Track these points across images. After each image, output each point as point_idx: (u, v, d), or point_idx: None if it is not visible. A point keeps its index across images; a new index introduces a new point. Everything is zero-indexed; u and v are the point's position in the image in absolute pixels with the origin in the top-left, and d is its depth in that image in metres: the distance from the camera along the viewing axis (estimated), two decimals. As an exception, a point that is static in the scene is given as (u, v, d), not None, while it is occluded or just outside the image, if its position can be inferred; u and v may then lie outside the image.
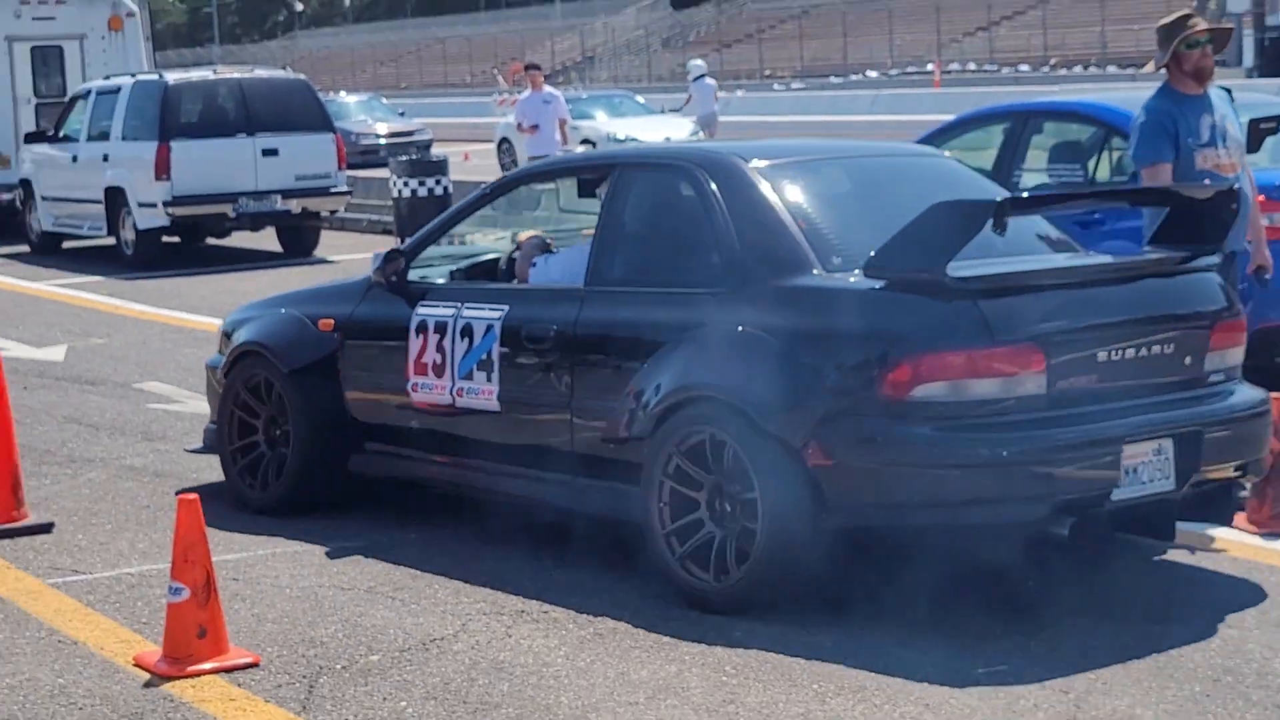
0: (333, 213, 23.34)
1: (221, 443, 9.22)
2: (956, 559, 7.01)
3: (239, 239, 23.42)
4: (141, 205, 21.45)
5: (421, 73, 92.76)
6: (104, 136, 22.37)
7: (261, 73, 23.68)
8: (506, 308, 8.08)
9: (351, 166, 25.96)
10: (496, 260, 9.02)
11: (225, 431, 9.18)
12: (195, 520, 6.32)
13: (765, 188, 7.52)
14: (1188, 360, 7.23)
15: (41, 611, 7.31)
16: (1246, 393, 7.47)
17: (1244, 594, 7.28)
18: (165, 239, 21.91)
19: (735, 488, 7.00)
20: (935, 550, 6.93)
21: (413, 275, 8.69)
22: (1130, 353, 7.02)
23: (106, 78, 23.87)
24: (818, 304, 7.07)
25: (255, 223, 22.07)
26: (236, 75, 22.96)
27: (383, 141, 40.90)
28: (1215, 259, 7.59)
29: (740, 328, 7.15)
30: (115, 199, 21.94)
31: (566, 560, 7.86)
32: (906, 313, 6.82)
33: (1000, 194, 7.63)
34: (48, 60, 27.31)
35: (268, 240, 23.13)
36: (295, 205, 21.90)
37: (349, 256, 22.11)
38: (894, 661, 6.41)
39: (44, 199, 23.86)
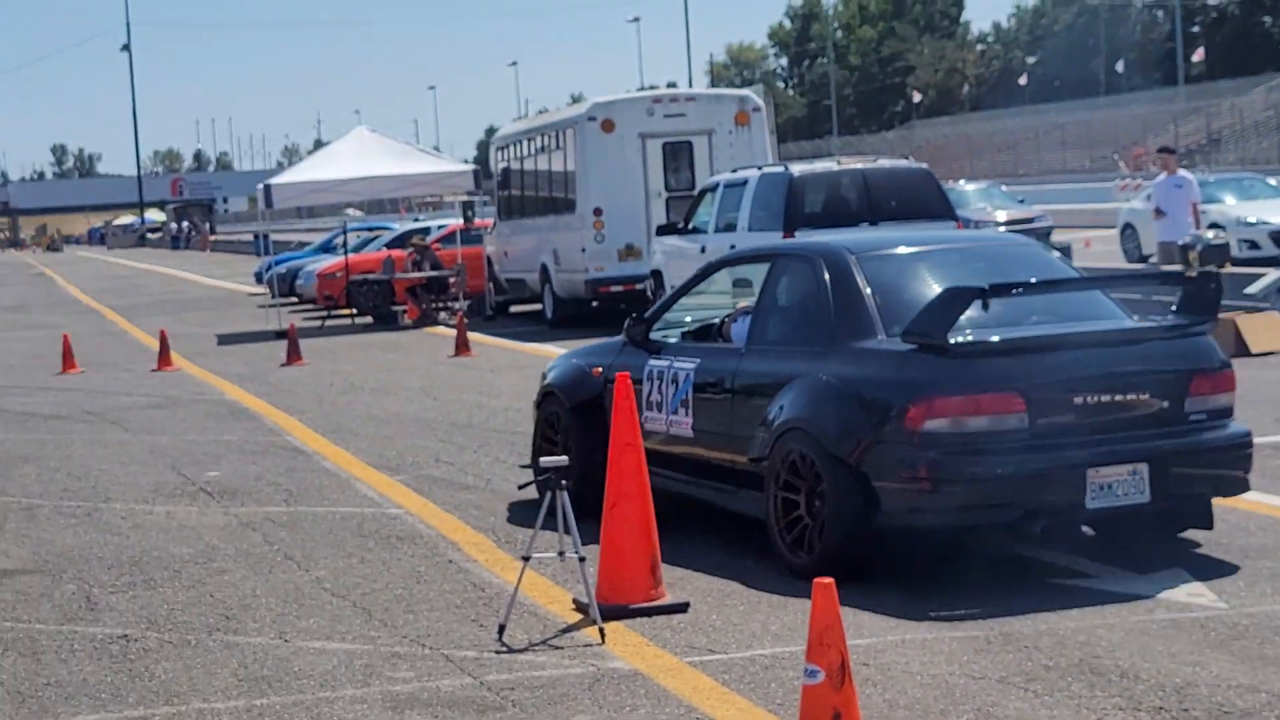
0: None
1: (533, 457, 12.13)
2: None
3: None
4: (767, 294, 21.91)
5: (1039, 159, 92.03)
6: (731, 228, 23.01)
7: (884, 162, 23.82)
8: (699, 360, 10.86)
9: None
10: (713, 324, 11.57)
11: (535, 448, 12.18)
12: (831, 604, 6.35)
13: (859, 274, 9.91)
14: (1166, 404, 9.31)
15: (680, 689, 7.50)
16: (1228, 430, 9.49)
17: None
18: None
19: (819, 492, 9.36)
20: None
21: (657, 335, 11.57)
22: (1105, 398, 9.14)
23: (734, 171, 24.57)
24: (870, 360, 9.49)
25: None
26: (859, 165, 23.17)
27: (1002, 229, 40.70)
28: (1206, 326, 9.76)
29: (824, 377, 9.64)
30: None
31: (1216, 656, 7.54)
32: (920, 368, 9.16)
33: (1052, 274, 10.11)
34: (678, 155, 28.40)
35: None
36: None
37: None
38: None
39: (674, 289, 24.61)
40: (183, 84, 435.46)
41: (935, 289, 9.64)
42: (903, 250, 10.49)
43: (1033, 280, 9.84)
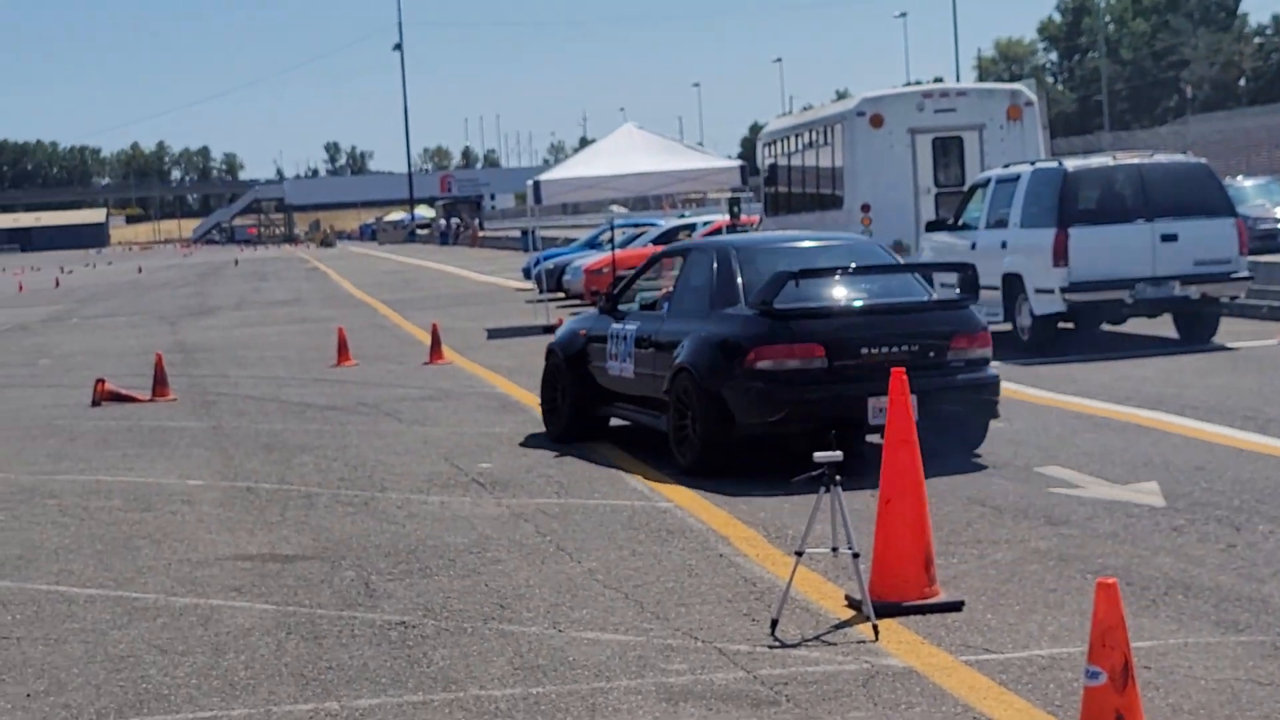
0: (1233, 299, 22.49)
1: (541, 396, 16.66)
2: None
3: (1134, 325, 23.22)
4: (1038, 291, 21.62)
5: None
6: (1002, 224, 22.71)
7: (1161, 158, 23.22)
8: (639, 324, 15.12)
9: (1250, 252, 25.18)
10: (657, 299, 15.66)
11: (543, 392, 16.61)
12: (1114, 605, 6.21)
13: (735, 262, 14.19)
14: (932, 354, 13.33)
15: (956, 687, 7.40)
16: (982, 374, 13.58)
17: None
18: (1060, 325, 21.96)
19: (695, 412, 13.52)
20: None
21: (623, 307, 15.77)
22: (885, 349, 13.12)
23: (1005, 166, 24.22)
24: (730, 321, 13.66)
25: (1152, 309, 21.79)
26: (1135, 161, 22.63)
27: (1281, 226, 39.43)
28: (970, 301, 14.02)
29: (704, 333, 13.82)
30: (1013, 285, 22.22)
31: None
32: (757, 326, 13.33)
33: (873, 263, 14.35)
34: (947, 151, 28.10)
35: (1164, 326, 22.80)
36: (1194, 291, 21.44)
37: (1250, 344, 21.48)
38: None
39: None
40: (452, 83, 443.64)
41: (775, 269, 13.69)
42: (773, 246, 15.16)
43: (848, 266, 14.04)
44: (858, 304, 13.54)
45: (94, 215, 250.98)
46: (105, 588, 10.33)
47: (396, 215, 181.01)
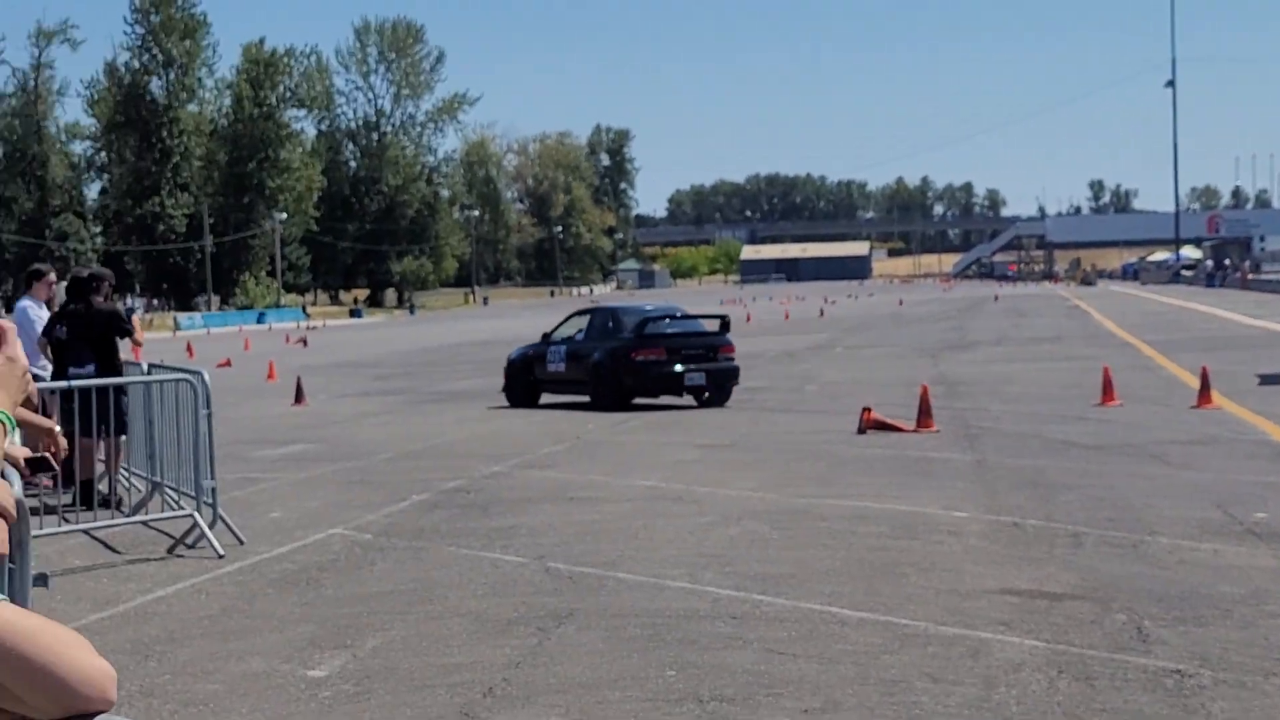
0: None
1: (507, 389, 31.39)
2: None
3: None
4: None
5: None
6: None
7: None
8: (566, 345, 30.51)
9: None
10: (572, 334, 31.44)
11: (507, 386, 31.43)
12: None
13: (621, 314, 30.48)
14: (712, 355, 29.20)
15: None
16: (732, 365, 29.32)
17: None
18: None
19: (604, 383, 29.37)
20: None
21: (555, 337, 31.29)
22: (693, 352, 29.05)
23: None
24: (623, 340, 29.40)
25: None
26: None
27: None
28: (727, 332, 30.51)
29: (609, 345, 29.47)
30: None
31: None
32: (636, 340, 29.13)
33: (684, 315, 30.86)
34: None
35: None
36: None
37: None
38: None
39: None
40: (1223, 119, 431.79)
41: (640, 318, 29.35)
42: (639, 308, 30.58)
43: (676, 315, 30.20)
44: (680, 331, 29.17)
45: (857, 248, 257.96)
46: (874, 612, 10.49)
47: (1160, 255, 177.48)
